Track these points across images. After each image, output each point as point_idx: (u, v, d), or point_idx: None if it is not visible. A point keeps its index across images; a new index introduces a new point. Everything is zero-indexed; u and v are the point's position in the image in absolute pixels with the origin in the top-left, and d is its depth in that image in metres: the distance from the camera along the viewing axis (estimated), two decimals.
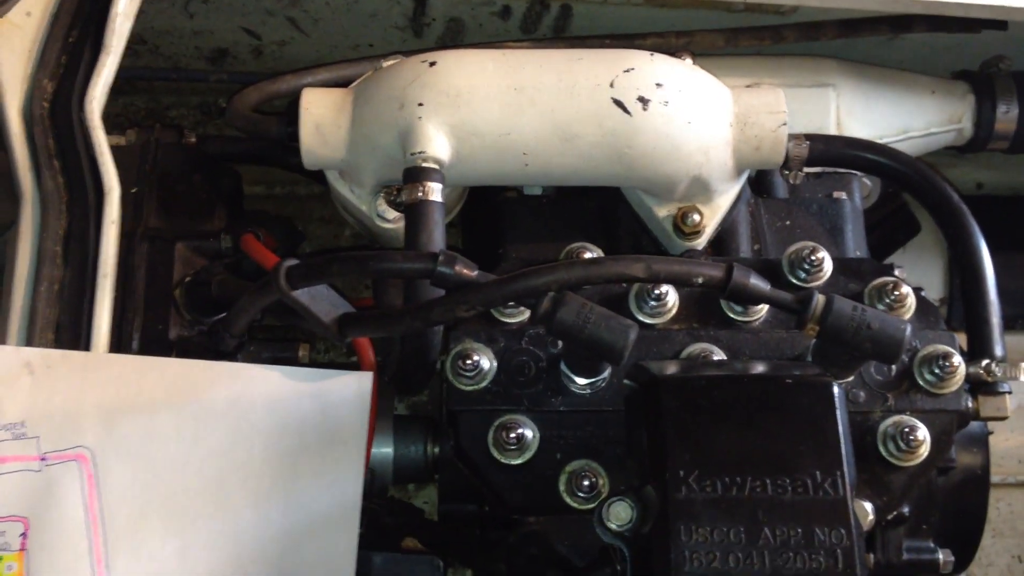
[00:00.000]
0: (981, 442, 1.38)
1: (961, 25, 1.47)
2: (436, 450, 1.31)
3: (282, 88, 1.30)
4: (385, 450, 1.32)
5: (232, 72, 1.75)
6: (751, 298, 1.03)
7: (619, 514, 0.97)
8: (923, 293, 1.25)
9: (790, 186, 1.35)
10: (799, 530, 0.90)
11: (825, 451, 0.92)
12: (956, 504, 1.35)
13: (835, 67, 1.51)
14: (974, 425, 1.35)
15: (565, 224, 1.31)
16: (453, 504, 1.30)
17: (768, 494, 0.91)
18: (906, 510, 1.21)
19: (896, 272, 1.25)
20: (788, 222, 1.31)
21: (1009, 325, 1.86)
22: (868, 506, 1.00)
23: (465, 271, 1.01)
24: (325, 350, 1.79)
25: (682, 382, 0.98)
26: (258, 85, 1.30)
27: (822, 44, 1.54)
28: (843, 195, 1.35)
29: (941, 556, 1.28)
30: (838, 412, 0.94)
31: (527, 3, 1.58)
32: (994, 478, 1.82)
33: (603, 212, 1.31)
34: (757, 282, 1.03)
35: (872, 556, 1.26)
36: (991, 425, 1.88)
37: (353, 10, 1.62)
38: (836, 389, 0.96)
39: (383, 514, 1.39)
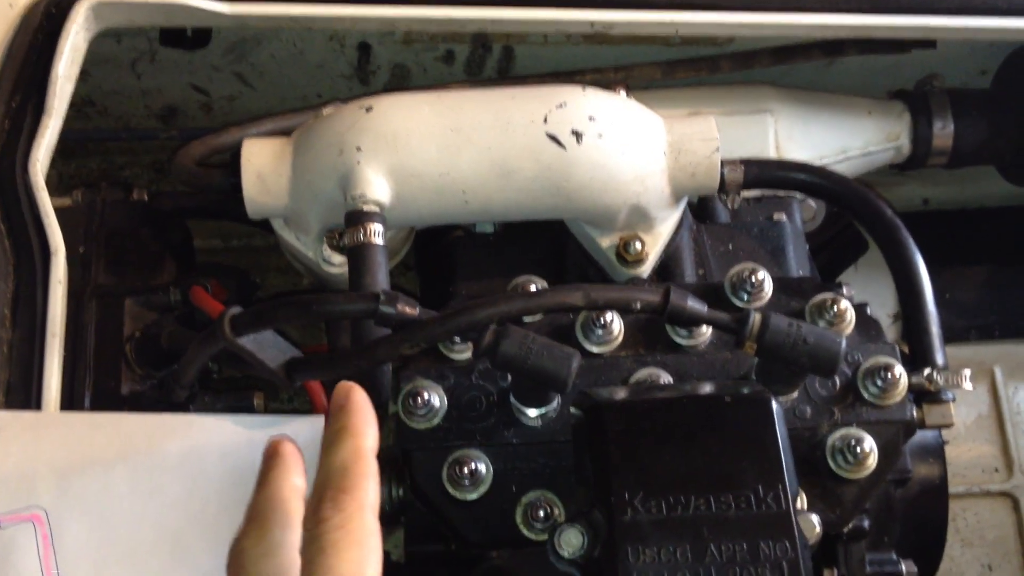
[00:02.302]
0: (937, 453, 1.40)
1: (891, 47, 1.51)
2: (400, 493, 1.31)
3: (226, 141, 1.32)
4: None
5: (183, 129, 1.77)
6: (689, 320, 1.05)
7: (570, 540, 0.98)
8: (870, 309, 1.27)
9: (731, 211, 1.37)
10: (744, 545, 0.91)
11: (766, 466, 0.94)
12: (916, 515, 1.36)
13: (772, 93, 1.55)
14: (929, 436, 1.37)
15: (513, 259, 1.32)
16: (419, 545, 1.30)
17: (712, 511, 0.92)
18: (866, 523, 1.23)
19: (844, 290, 1.27)
20: (731, 246, 1.33)
21: (961, 337, 1.91)
22: (815, 518, 1.01)
23: (407, 309, 1.02)
24: (289, 399, 1.80)
25: (624, 406, 0.99)
26: (202, 139, 1.32)
27: (760, 72, 1.58)
28: (783, 217, 1.38)
29: (904, 568, 1.29)
30: (777, 426, 0.95)
31: (469, 47, 1.61)
32: (959, 488, 1.85)
33: (550, 246, 1.33)
34: (694, 304, 1.04)
35: (836, 570, 1.27)
36: (955, 437, 1.91)
37: (299, 62, 1.65)
38: (774, 404, 0.97)
39: None
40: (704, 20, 1.36)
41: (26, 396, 1.15)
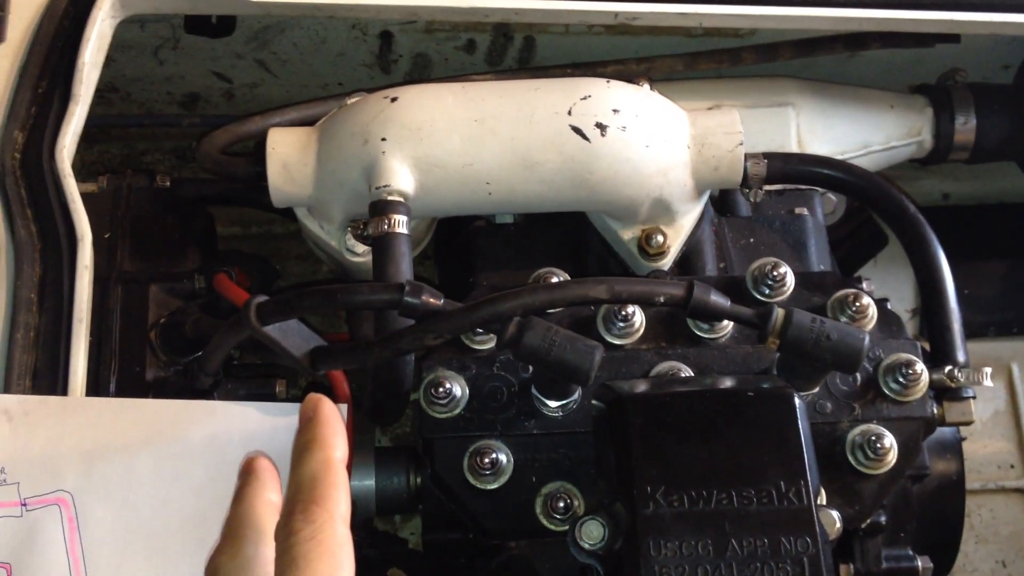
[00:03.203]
0: (954, 449, 1.40)
1: (915, 40, 1.50)
2: (419, 480, 1.33)
3: (250, 129, 1.32)
4: (367, 482, 1.33)
5: (205, 116, 1.78)
6: (712, 314, 1.05)
7: (591, 533, 0.99)
8: (890, 304, 1.27)
9: (753, 204, 1.37)
10: (765, 540, 0.91)
11: (788, 461, 0.94)
12: (933, 511, 1.37)
13: (794, 86, 1.54)
14: (947, 432, 1.37)
15: (534, 250, 1.33)
16: (437, 533, 1.31)
17: (734, 506, 0.93)
18: (883, 519, 1.23)
19: (863, 285, 1.28)
20: (752, 239, 1.34)
21: (980, 333, 1.91)
22: (835, 514, 1.01)
23: (432, 300, 1.03)
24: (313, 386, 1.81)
25: (646, 399, 1.00)
26: (226, 127, 1.33)
27: (782, 64, 1.58)
28: (805, 211, 1.38)
29: (920, 563, 1.30)
30: (800, 422, 0.96)
31: (491, 36, 1.61)
32: (975, 484, 1.85)
33: (571, 237, 1.33)
34: (717, 299, 1.05)
35: (852, 566, 1.27)
36: (971, 432, 1.91)
37: (321, 50, 1.65)
38: (797, 400, 0.98)
39: (365, 545, 1.40)
40: (727, 12, 1.35)
41: (52, 381, 1.17)
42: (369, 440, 1.36)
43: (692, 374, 1.16)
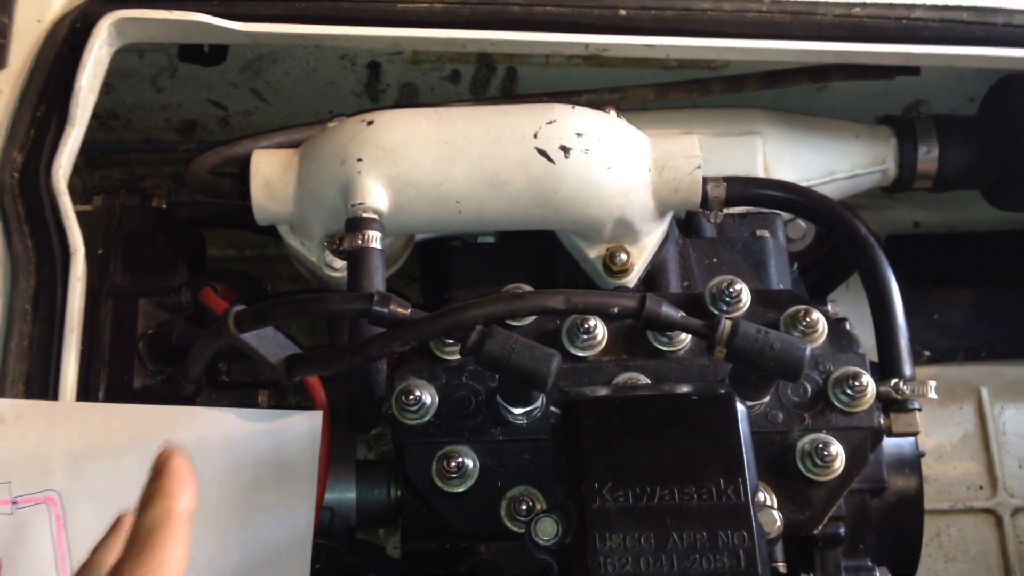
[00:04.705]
0: (913, 465, 1.45)
1: (876, 72, 1.57)
2: (399, 493, 1.38)
3: (238, 152, 1.39)
4: (348, 495, 1.38)
5: (201, 142, 1.85)
6: (664, 325, 1.11)
7: (546, 529, 1.05)
8: (857, 327, 1.33)
9: (716, 226, 1.43)
10: (704, 534, 0.97)
11: (728, 460, 1.00)
12: (892, 525, 1.42)
13: (762, 116, 1.61)
14: (906, 449, 1.42)
15: (506, 268, 1.39)
16: (415, 543, 1.36)
17: (676, 501, 0.98)
18: (842, 531, 1.28)
19: (829, 307, 1.34)
20: (715, 260, 1.40)
21: (949, 357, 1.97)
22: (776, 514, 1.07)
23: (399, 309, 1.09)
24: (297, 403, 1.86)
25: (597, 402, 1.06)
26: (216, 149, 1.40)
27: (755, 96, 1.65)
28: (766, 233, 1.44)
29: (879, 574, 1.35)
30: (740, 424, 1.02)
31: (475, 67, 1.69)
32: (944, 504, 1.90)
33: (542, 256, 1.39)
34: (669, 310, 1.11)
35: (811, 575, 1.32)
36: (941, 454, 1.97)
37: (312, 79, 1.73)
38: (738, 403, 1.04)
39: (344, 552, 1.46)
40: (693, 45, 1.42)
41: (44, 386, 1.23)
42: (350, 454, 1.41)
43: (650, 383, 1.22)
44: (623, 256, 1.30)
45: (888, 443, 1.34)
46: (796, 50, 1.45)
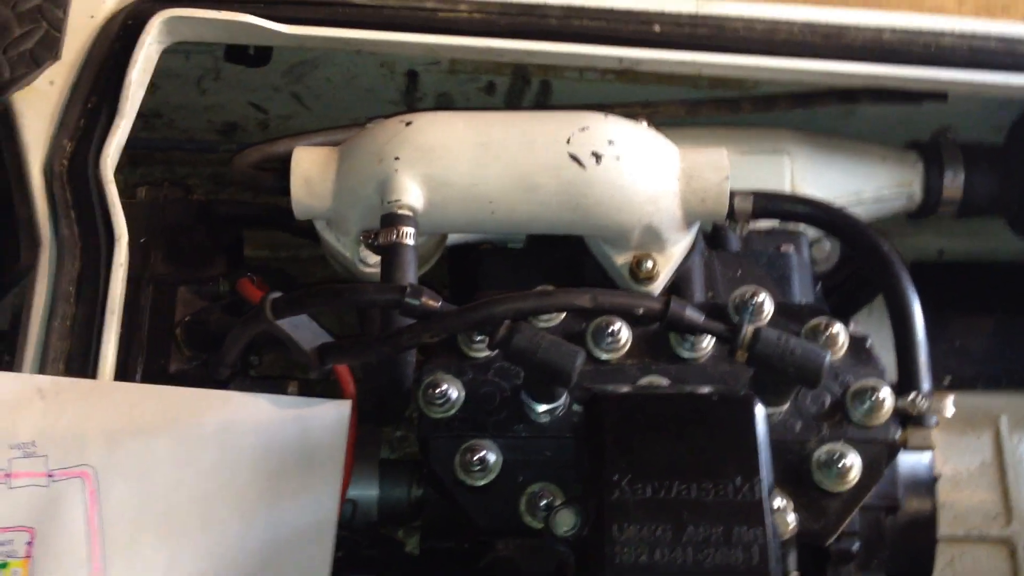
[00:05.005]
0: (928, 487, 1.46)
1: (904, 97, 1.60)
2: (420, 493, 1.41)
3: (279, 149, 1.43)
4: (371, 492, 1.41)
5: (241, 144, 1.89)
6: (687, 327, 1.14)
7: (565, 520, 1.08)
8: (875, 346, 1.35)
9: (742, 240, 1.46)
10: (719, 528, 1.00)
11: (744, 459, 1.03)
12: (906, 545, 1.43)
13: (790, 136, 1.64)
14: (922, 470, 1.44)
15: (535, 272, 1.42)
16: (433, 541, 1.39)
17: (692, 496, 1.01)
18: (856, 546, 1.30)
19: (850, 326, 1.36)
20: (739, 272, 1.43)
21: (969, 385, 1.98)
22: (791, 517, 1.09)
23: (430, 302, 1.13)
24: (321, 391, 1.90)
25: (620, 398, 1.09)
26: (258, 146, 1.44)
27: (784, 118, 1.68)
28: (791, 248, 1.47)
29: None
30: (758, 425, 1.05)
31: (510, 79, 1.73)
32: (958, 532, 1.91)
33: (569, 261, 1.42)
34: (692, 314, 1.14)
35: None
36: (958, 482, 1.97)
37: (352, 86, 1.77)
38: (757, 405, 1.06)
39: (364, 546, 1.49)
40: (725, 62, 1.46)
41: (84, 366, 1.27)
42: (375, 452, 1.45)
43: None
44: (649, 263, 1.33)
45: (903, 463, 1.36)
46: (826, 71, 1.48)
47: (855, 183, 1.65)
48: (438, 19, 1.44)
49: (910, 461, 1.40)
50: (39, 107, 1.40)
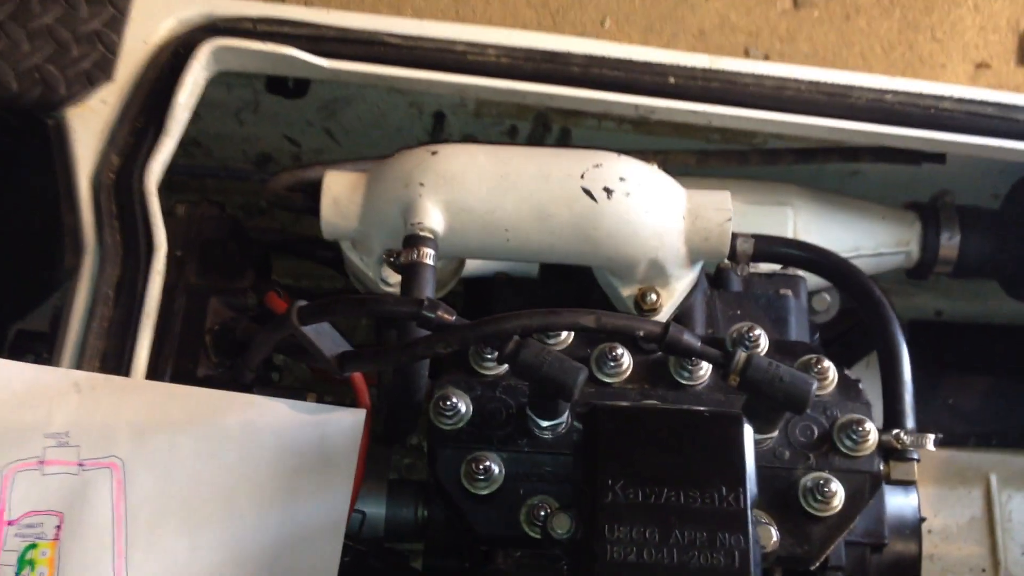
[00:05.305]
0: (914, 529, 1.52)
1: (904, 157, 1.69)
2: (426, 513, 1.48)
3: (311, 175, 1.52)
4: (378, 510, 1.48)
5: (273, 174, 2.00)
6: (684, 351, 1.22)
7: (561, 523, 1.15)
8: (861, 385, 1.42)
9: (744, 282, 1.55)
10: (704, 533, 1.07)
11: (730, 471, 1.10)
12: None
13: (795, 190, 1.73)
14: (908, 512, 1.50)
15: (544, 303, 1.49)
16: (436, 559, 1.46)
17: (680, 502, 1.09)
18: None
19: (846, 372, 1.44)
20: (739, 311, 1.50)
21: (961, 442, 2.05)
22: (773, 530, 1.16)
23: (445, 315, 1.21)
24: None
25: (616, 410, 1.17)
26: (292, 170, 1.53)
27: (790, 175, 1.77)
28: (789, 292, 1.55)
29: None
30: (745, 440, 1.12)
31: (532, 124, 1.82)
32: None
33: (578, 292, 1.50)
34: (690, 338, 1.22)
35: None
36: (950, 535, 2.03)
37: (381, 124, 1.87)
38: (744, 422, 1.14)
39: (370, 556, 1.55)
40: (735, 114, 1.56)
41: (118, 365, 1.36)
42: (383, 470, 1.52)
43: None
44: (653, 296, 1.41)
45: (890, 505, 1.43)
46: (829, 127, 1.57)
47: (855, 238, 1.73)
48: (467, 61, 1.55)
49: (897, 502, 1.46)
50: (91, 123, 1.50)
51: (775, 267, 1.60)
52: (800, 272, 1.58)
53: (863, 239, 1.74)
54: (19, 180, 1.71)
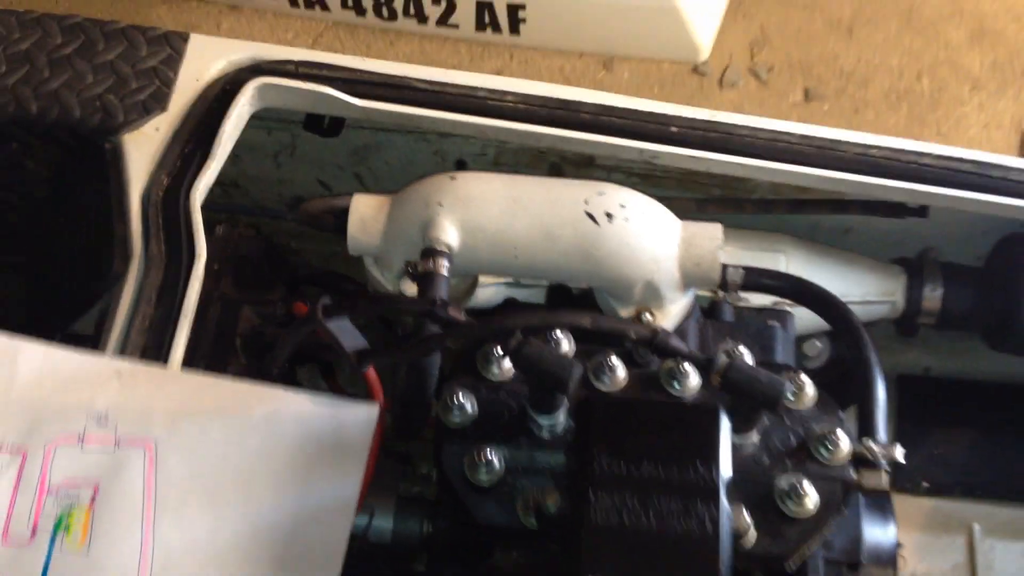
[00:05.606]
0: (890, 555, 1.61)
1: (888, 209, 1.82)
2: (431, 529, 1.59)
3: (337, 203, 1.67)
4: (385, 524, 1.59)
5: None
6: (672, 352, 1.34)
7: (554, 499, 1.27)
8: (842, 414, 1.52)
9: (735, 314, 1.67)
10: (680, 503, 1.18)
11: (706, 451, 1.22)
12: None
13: (788, 239, 1.86)
14: (885, 541, 1.59)
15: None
16: (439, 565, 1.57)
17: (660, 475, 1.20)
18: None
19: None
20: (730, 338, 1.62)
21: (947, 491, 2.14)
22: (749, 520, 1.26)
23: (456, 314, 1.34)
24: None
25: (608, 398, 1.29)
26: (324, 198, 1.68)
27: (787, 225, 1.90)
28: (777, 323, 1.67)
29: None
30: (720, 425, 1.24)
31: (546, 172, 1.97)
32: None
33: None
34: (677, 343, 1.34)
35: None
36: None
37: (408, 170, 2.02)
38: (721, 412, 1.26)
39: (380, 560, 1.65)
40: (731, 161, 1.70)
41: (156, 358, 1.49)
42: (392, 486, 1.63)
43: None
44: (648, 317, 1.54)
45: (868, 531, 1.53)
46: (818, 176, 1.71)
47: (844, 285, 1.85)
48: (488, 105, 1.70)
49: (875, 532, 1.56)
50: (144, 148, 1.66)
51: (767, 303, 1.72)
52: (789, 308, 1.70)
53: (851, 287, 1.86)
54: (73, 197, 1.86)
